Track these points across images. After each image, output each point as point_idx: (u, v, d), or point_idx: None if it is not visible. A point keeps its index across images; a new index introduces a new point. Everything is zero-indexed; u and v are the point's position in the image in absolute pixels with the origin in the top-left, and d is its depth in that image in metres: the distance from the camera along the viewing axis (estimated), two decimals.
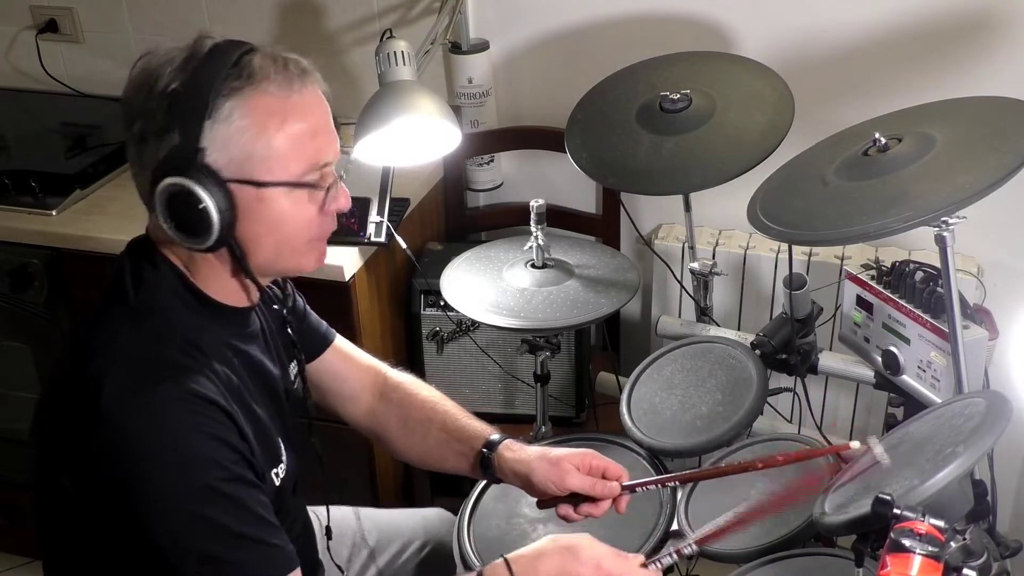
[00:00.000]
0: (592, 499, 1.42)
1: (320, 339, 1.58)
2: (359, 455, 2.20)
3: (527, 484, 1.45)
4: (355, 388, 1.60)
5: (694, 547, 1.35)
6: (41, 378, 2.34)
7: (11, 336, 2.31)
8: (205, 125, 1.15)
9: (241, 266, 1.24)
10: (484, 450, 1.48)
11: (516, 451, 1.47)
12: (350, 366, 1.61)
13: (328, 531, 1.56)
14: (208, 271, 1.25)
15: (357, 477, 2.22)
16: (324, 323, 1.59)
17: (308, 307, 1.57)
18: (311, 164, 1.22)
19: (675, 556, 1.34)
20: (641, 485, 1.45)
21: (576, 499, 1.42)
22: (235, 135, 1.17)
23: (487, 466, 1.48)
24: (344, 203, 1.28)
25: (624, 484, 1.43)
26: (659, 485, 1.48)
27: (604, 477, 1.43)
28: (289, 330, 1.43)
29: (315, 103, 1.23)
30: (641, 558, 1.29)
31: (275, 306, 1.40)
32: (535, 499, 1.47)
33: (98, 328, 1.22)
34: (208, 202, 1.16)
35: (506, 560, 1.26)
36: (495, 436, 1.50)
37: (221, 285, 1.26)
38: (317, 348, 1.57)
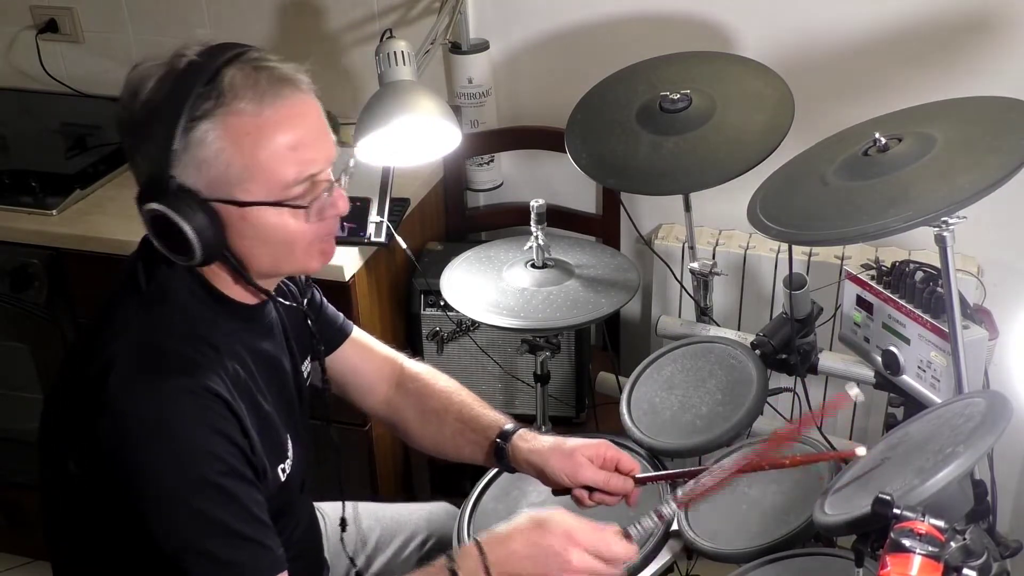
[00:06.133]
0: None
1: (337, 332, 1.58)
2: (359, 451, 2.20)
3: (540, 475, 1.45)
4: (372, 380, 1.61)
5: (674, 508, 1.33)
6: (41, 378, 2.34)
7: (11, 336, 2.31)
8: (175, 152, 1.15)
9: (240, 275, 1.24)
10: (498, 440, 1.48)
11: (530, 441, 1.47)
12: (367, 357, 1.61)
13: (343, 522, 1.56)
14: (217, 273, 1.25)
15: (356, 473, 2.22)
16: (341, 315, 1.60)
17: (325, 300, 1.57)
18: (293, 178, 1.19)
19: (656, 519, 1.32)
20: (654, 479, 1.45)
21: (590, 488, 1.42)
22: (210, 157, 1.15)
23: (501, 456, 1.48)
24: (342, 207, 1.25)
25: (637, 477, 1.43)
26: (670, 480, 1.47)
27: (617, 469, 1.43)
28: (309, 322, 1.43)
29: (294, 114, 1.18)
30: (616, 527, 1.29)
31: (288, 302, 1.39)
32: (549, 488, 1.47)
33: (109, 317, 1.23)
34: (185, 227, 1.15)
35: (477, 542, 1.26)
36: (509, 426, 1.50)
37: (231, 286, 1.27)
38: (335, 341, 1.57)
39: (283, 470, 1.32)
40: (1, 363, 2.38)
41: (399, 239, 2.06)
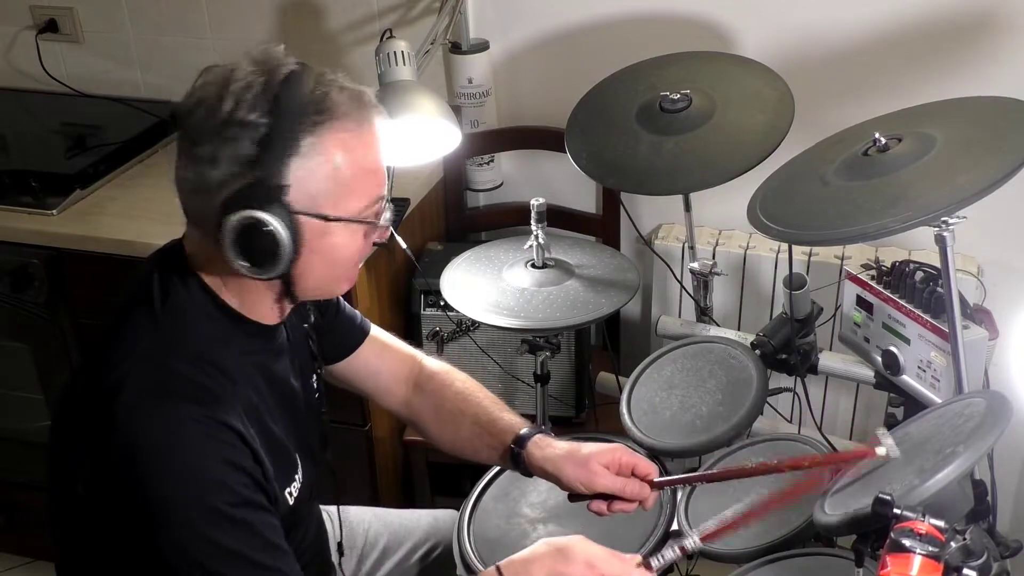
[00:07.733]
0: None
1: (356, 332, 1.57)
2: (359, 455, 2.20)
3: (556, 482, 1.44)
4: (390, 381, 1.60)
5: (697, 542, 1.34)
6: (41, 378, 2.34)
7: (11, 336, 2.31)
8: (292, 163, 1.15)
9: (288, 294, 1.24)
10: (513, 446, 1.47)
11: (544, 448, 1.45)
12: (385, 358, 1.60)
13: (340, 547, 1.56)
14: (246, 292, 1.24)
15: (357, 477, 2.22)
16: (359, 315, 1.58)
17: (341, 299, 1.54)
18: (372, 199, 1.22)
19: (678, 552, 1.33)
20: (670, 484, 1.43)
21: (607, 495, 1.41)
22: (313, 170, 1.16)
23: (518, 462, 1.47)
24: (385, 234, 1.28)
25: (654, 482, 1.42)
26: (687, 484, 1.47)
27: (634, 473, 1.41)
28: (311, 344, 1.42)
29: (376, 139, 1.22)
30: (638, 558, 1.28)
31: (304, 324, 1.39)
32: (548, 488, 1.47)
33: (119, 333, 1.21)
34: (284, 240, 1.15)
35: (498, 568, 1.25)
36: (524, 431, 1.48)
37: (257, 305, 1.26)
38: (353, 343, 1.56)
39: (291, 493, 1.31)
40: (1, 363, 2.38)
41: (399, 239, 2.05)
